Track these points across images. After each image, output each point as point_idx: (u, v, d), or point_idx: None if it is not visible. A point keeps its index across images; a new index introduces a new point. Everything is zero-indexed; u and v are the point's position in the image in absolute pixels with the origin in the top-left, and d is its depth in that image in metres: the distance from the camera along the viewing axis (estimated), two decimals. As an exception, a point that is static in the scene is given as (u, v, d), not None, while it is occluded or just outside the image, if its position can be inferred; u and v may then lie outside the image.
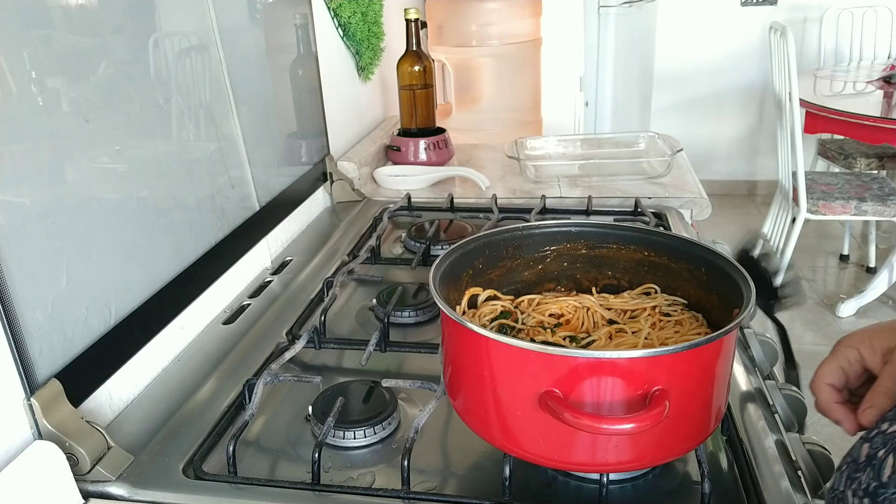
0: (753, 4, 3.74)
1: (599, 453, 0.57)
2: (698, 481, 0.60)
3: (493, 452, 0.66)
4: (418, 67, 1.50)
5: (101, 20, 0.75)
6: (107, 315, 0.73)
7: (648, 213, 1.18)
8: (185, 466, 0.66)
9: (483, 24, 1.83)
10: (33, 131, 0.65)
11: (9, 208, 0.62)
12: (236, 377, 0.80)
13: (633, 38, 3.05)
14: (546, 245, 0.78)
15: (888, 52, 3.56)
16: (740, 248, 0.77)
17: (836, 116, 2.64)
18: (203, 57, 0.93)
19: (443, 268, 0.68)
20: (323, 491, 0.63)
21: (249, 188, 1.04)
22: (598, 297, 0.75)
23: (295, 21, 1.20)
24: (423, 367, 0.83)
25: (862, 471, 0.47)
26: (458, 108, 1.87)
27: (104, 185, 0.74)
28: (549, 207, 1.25)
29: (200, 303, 0.89)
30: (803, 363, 0.84)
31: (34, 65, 0.65)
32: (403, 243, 1.17)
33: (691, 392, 0.57)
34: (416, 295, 0.96)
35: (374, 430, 0.69)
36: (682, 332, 0.68)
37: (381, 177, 1.47)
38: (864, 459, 0.48)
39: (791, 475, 0.63)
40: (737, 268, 0.64)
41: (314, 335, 0.84)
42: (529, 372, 0.55)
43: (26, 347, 0.63)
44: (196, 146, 0.92)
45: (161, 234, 0.83)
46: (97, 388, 0.71)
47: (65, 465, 0.61)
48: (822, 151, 3.28)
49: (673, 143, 1.47)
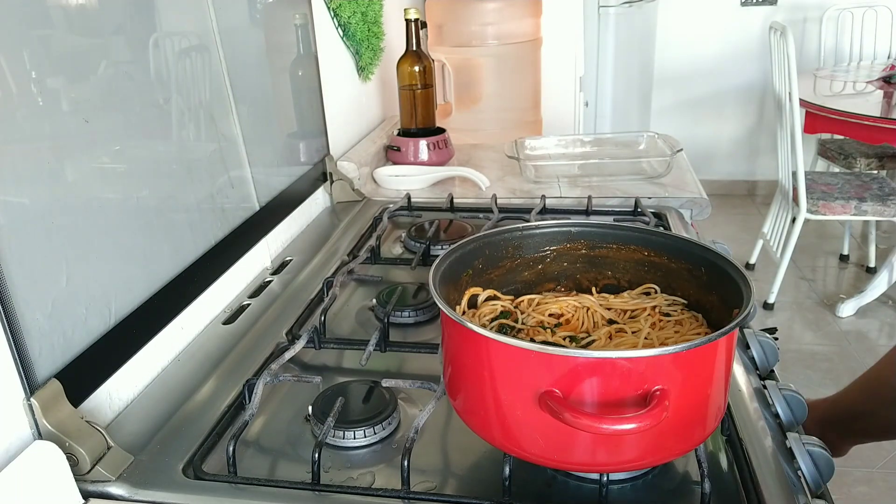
0: (753, 4, 3.74)
1: (599, 453, 0.57)
2: (698, 481, 0.60)
3: (493, 452, 0.66)
4: (418, 67, 1.50)
5: (101, 20, 0.75)
6: (107, 315, 0.73)
7: (648, 213, 1.18)
8: (185, 466, 0.66)
9: (483, 24, 1.83)
10: (33, 131, 0.65)
11: (9, 208, 0.62)
12: (236, 377, 0.80)
13: (633, 38, 3.05)
14: (546, 245, 0.78)
15: (888, 52, 3.56)
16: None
17: (836, 116, 2.64)
18: (203, 57, 0.93)
19: (443, 268, 0.68)
20: (323, 491, 0.63)
21: (249, 188, 1.04)
22: (598, 297, 0.75)
23: (295, 21, 1.20)
24: (423, 367, 0.83)
25: None
26: (458, 108, 1.87)
27: (104, 185, 0.74)
28: (549, 207, 1.25)
29: (200, 303, 0.89)
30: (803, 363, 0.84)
31: (34, 65, 0.65)
32: (403, 243, 1.17)
33: (691, 392, 0.57)
34: (416, 295, 0.96)
35: (374, 430, 0.69)
36: (682, 332, 0.68)
37: (381, 177, 1.47)
38: None
39: (791, 475, 0.63)
40: (737, 268, 0.64)
41: (314, 335, 0.84)
42: (529, 372, 0.55)
43: (26, 347, 0.63)
44: (196, 146, 0.92)
45: (161, 234, 0.83)
46: (97, 388, 0.71)
47: (65, 465, 0.61)
48: (822, 151, 3.28)
49: (673, 143, 1.47)
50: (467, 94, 1.88)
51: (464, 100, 1.88)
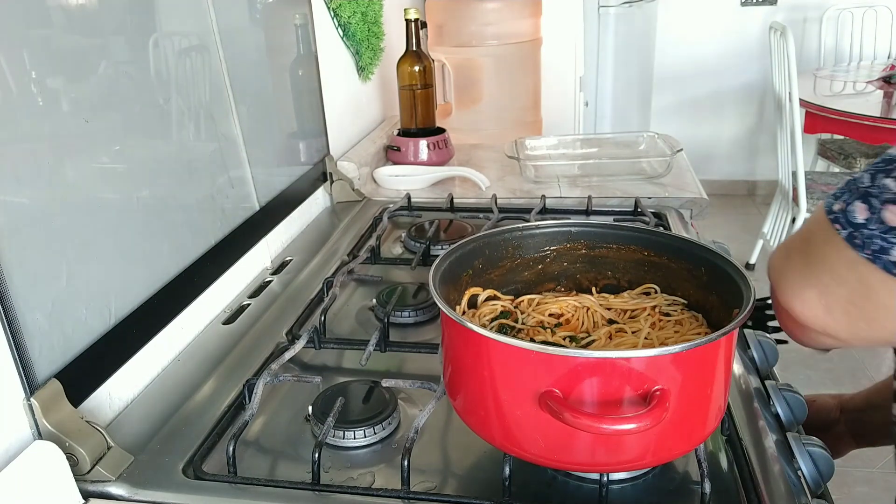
0: (753, 4, 3.74)
1: (599, 453, 0.57)
2: (698, 481, 0.60)
3: (493, 452, 0.66)
4: (418, 67, 1.50)
5: (101, 20, 0.75)
6: (107, 315, 0.73)
7: (648, 213, 1.18)
8: (185, 466, 0.66)
9: (483, 24, 1.83)
10: (33, 131, 0.65)
11: (9, 208, 0.62)
12: (236, 377, 0.80)
13: (633, 38, 3.05)
14: (546, 245, 0.78)
15: (888, 52, 3.56)
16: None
17: (836, 116, 2.64)
18: (203, 57, 0.93)
19: (443, 268, 0.68)
20: (323, 491, 0.63)
21: (249, 188, 1.04)
22: (598, 297, 0.75)
23: (295, 21, 1.20)
24: (423, 367, 0.83)
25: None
26: (458, 108, 1.87)
27: (104, 185, 0.74)
28: (549, 207, 1.25)
29: (200, 303, 0.89)
30: (803, 362, 0.85)
31: (34, 65, 0.65)
32: (403, 243, 1.17)
33: (691, 392, 0.57)
34: (416, 295, 0.96)
35: (374, 430, 0.69)
36: (682, 332, 0.68)
37: (381, 177, 1.47)
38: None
39: (791, 475, 0.63)
40: (737, 268, 0.64)
41: (314, 335, 0.84)
42: (529, 372, 0.55)
43: (26, 347, 0.63)
44: (196, 146, 0.92)
45: (161, 233, 0.83)
46: (97, 388, 0.71)
47: (65, 465, 0.61)
48: (822, 151, 3.28)
49: (673, 143, 1.47)
50: (467, 94, 1.88)
51: (464, 100, 1.88)
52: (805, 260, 0.55)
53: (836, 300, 0.53)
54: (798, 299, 0.55)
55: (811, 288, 0.54)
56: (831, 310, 0.54)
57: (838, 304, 0.53)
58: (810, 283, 0.54)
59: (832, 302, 0.53)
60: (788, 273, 0.57)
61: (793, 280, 0.56)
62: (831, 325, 0.54)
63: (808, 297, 0.55)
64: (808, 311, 0.55)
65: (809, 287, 0.55)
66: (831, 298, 0.53)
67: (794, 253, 0.57)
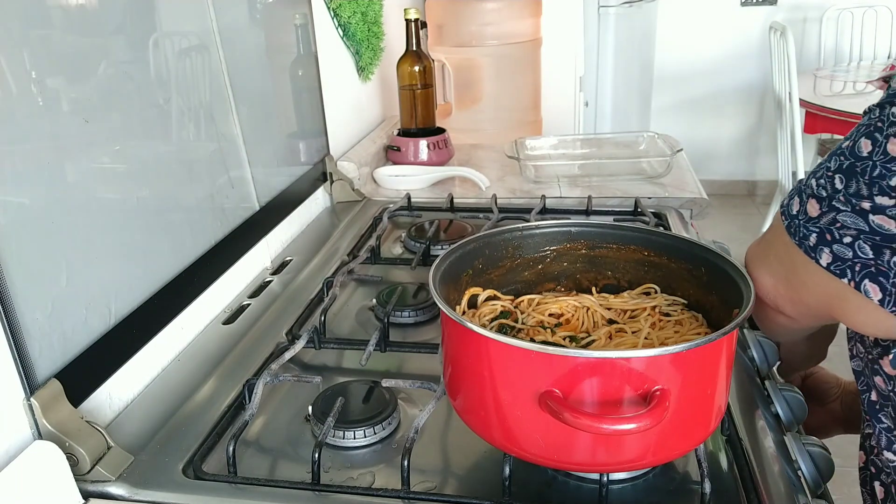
0: (753, 4, 3.74)
1: (599, 453, 0.57)
2: (698, 481, 0.60)
3: (493, 452, 0.66)
4: (418, 67, 1.50)
5: (101, 20, 0.75)
6: (107, 315, 0.73)
7: (648, 213, 1.18)
8: (185, 466, 0.66)
9: (483, 24, 1.83)
10: (33, 131, 0.65)
11: (9, 208, 0.62)
12: (236, 377, 0.80)
13: (633, 38, 3.05)
14: (546, 245, 0.78)
15: (888, 52, 3.56)
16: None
17: (836, 116, 2.64)
18: (203, 57, 0.93)
19: (443, 268, 0.68)
20: (323, 491, 0.63)
21: (249, 188, 1.04)
22: (598, 296, 0.75)
23: (295, 21, 1.20)
24: (423, 367, 0.83)
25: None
26: (458, 108, 1.87)
27: (104, 185, 0.74)
28: (549, 207, 1.25)
29: (200, 303, 0.89)
30: (803, 363, 0.86)
31: (34, 65, 0.65)
32: (403, 243, 1.17)
33: (691, 392, 0.57)
34: (416, 295, 0.96)
35: (374, 430, 0.69)
36: (682, 332, 0.68)
37: (380, 177, 1.47)
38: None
39: (791, 475, 0.63)
40: (737, 268, 0.65)
41: (314, 335, 0.84)
42: (529, 372, 0.55)
43: (26, 347, 0.63)
44: (196, 146, 0.92)
45: (161, 234, 0.83)
46: (97, 388, 0.71)
47: (65, 465, 0.61)
48: (822, 151, 3.28)
49: (673, 143, 1.47)
50: (467, 94, 1.88)
51: (464, 100, 1.88)
52: (764, 245, 0.69)
53: (778, 277, 0.66)
54: (756, 272, 0.68)
55: (765, 266, 0.68)
56: (777, 285, 0.67)
57: (780, 280, 0.66)
58: (764, 262, 0.68)
59: (778, 279, 0.67)
60: (753, 255, 0.70)
61: (754, 258, 0.70)
62: (779, 299, 0.67)
63: (762, 274, 0.68)
64: (762, 280, 0.68)
65: (765, 265, 0.68)
66: (776, 275, 0.67)
67: (760, 239, 0.71)
